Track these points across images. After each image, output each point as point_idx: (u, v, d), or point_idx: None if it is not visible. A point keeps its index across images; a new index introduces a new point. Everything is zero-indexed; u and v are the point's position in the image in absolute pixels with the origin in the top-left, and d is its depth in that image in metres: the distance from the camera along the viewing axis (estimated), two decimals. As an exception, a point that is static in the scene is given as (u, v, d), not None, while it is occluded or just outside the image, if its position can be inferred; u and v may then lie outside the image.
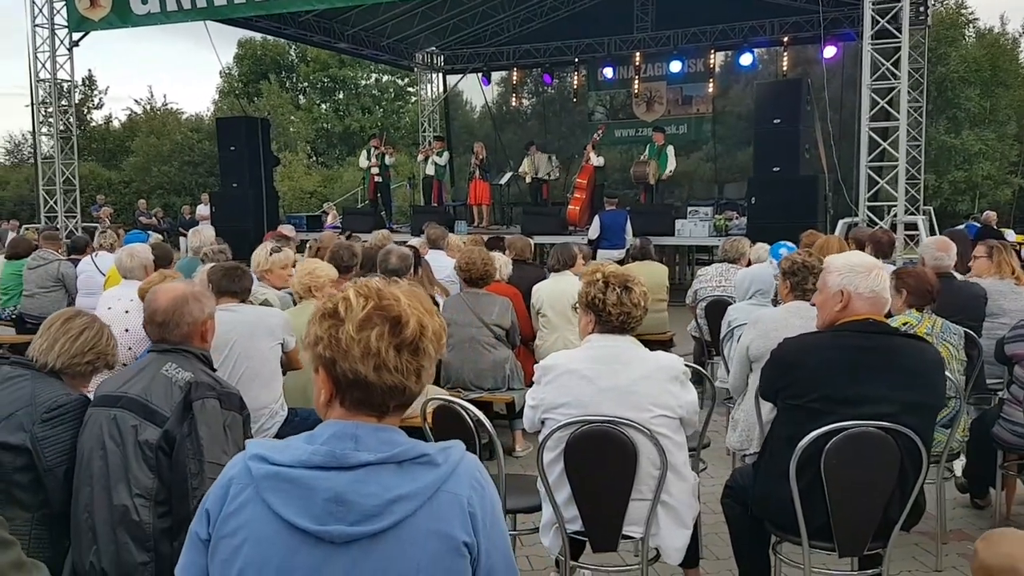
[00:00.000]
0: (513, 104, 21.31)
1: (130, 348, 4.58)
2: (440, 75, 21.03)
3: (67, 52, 15.22)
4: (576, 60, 18.99)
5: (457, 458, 1.56)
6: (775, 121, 11.66)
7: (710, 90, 17.97)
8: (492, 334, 5.50)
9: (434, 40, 19.74)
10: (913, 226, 10.69)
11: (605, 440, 3.07)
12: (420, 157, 17.18)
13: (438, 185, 16.29)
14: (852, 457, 2.94)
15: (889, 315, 4.07)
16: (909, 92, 11.41)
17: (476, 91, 21.90)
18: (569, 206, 14.20)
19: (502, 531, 1.59)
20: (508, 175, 16.17)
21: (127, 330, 4.60)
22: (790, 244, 7.63)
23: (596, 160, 14.38)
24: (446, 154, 16.43)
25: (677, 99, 18.60)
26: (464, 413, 3.40)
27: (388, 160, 16.13)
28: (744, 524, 3.46)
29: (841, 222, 10.61)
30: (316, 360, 1.58)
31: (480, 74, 20.23)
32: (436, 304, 5.57)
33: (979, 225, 15.99)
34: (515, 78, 20.30)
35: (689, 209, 13.41)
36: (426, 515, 1.48)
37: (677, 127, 18.25)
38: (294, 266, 5.32)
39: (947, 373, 3.76)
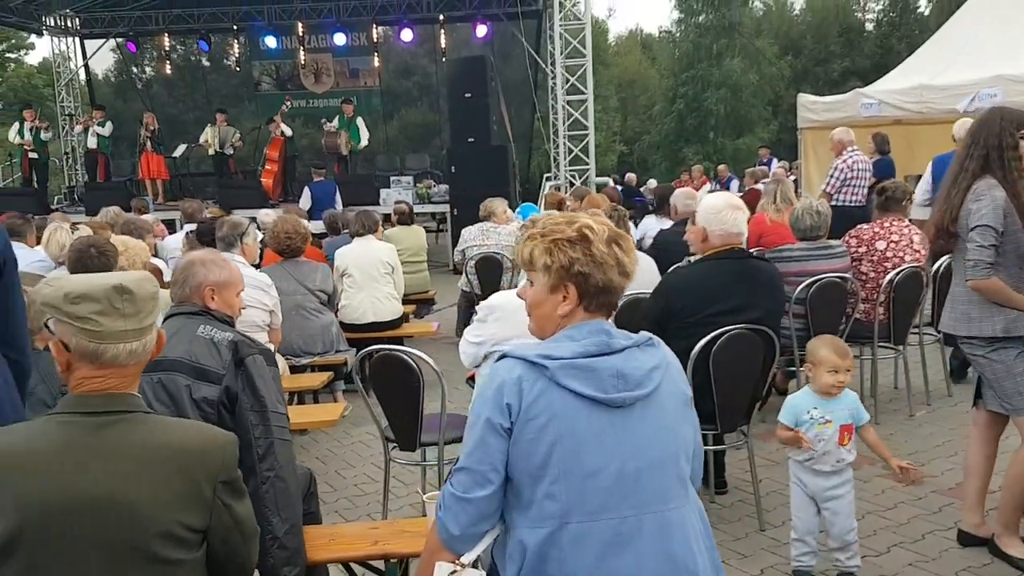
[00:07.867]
0: (168, 71, 19.80)
1: None
2: (77, 40, 18.97)
3: None
4: (235, 27, 18.32)
5: (659, 339, 2.08)
6: (466, 95, 12.53)
7: (376, 64, 18.47)
8: (317, 300, 5.64)
9: (69, 2, 17.75)
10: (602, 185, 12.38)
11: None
12: (78, 128, 15.52)
13: (104, 159, 14.91)
14: (733, 353, 3.80)
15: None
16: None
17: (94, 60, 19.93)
18: (262, 178, 13.94)
19: None
20: (184, 147, 15.28)
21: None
22: (533, 205, 8.63)
23: (286, 130, 14.26)
24: (109, 124, 14.98)
25: (344, 71, 18.87)
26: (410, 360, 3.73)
27: (44, 136, 14.42)
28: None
29: (549, 184, 11.88)
30: (564, 279, 1.99)
31: (125, 40, 18.64)
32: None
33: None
34: (166, 45, 19.01)
35: (391, 178, 13.89)
36: (668, 380, 1.99)
37: (348, 100, 18.56)
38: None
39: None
